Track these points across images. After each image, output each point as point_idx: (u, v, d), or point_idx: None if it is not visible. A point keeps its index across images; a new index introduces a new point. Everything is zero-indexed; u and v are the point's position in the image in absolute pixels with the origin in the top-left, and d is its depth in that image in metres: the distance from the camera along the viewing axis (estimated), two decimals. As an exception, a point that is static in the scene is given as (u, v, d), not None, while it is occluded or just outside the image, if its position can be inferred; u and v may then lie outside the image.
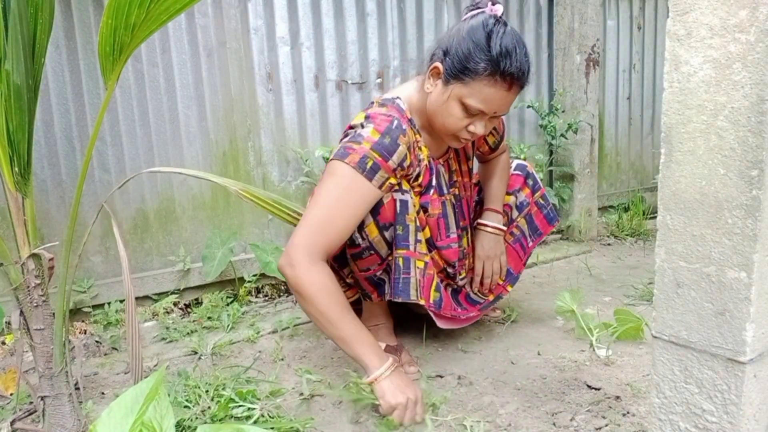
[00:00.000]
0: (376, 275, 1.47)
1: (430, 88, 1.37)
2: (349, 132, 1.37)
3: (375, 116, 1.34)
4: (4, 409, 1.36)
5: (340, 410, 1.35)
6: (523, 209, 1.74)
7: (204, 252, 1.99)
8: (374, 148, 1.28)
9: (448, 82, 1.32)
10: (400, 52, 2.37)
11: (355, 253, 1.43)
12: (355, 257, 1.44)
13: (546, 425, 1.25)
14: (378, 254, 1.42)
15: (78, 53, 1.80)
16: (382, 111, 1.36)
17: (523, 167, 1.77)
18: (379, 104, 1.41)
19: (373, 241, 1.40)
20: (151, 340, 1.78)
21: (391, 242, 1.40)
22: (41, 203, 1.79)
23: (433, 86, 1.37)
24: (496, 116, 1.37)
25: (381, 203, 1.35)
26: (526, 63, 1.33)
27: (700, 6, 0.75)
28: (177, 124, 1.98)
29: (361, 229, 1.38)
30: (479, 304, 1.68)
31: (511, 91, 1.32)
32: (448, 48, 1.32)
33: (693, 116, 0.77)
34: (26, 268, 1.18)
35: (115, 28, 1.09)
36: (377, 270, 1.46)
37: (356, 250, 1.43)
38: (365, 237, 1.39)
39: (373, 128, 1.31)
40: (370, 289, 1.52)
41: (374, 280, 1.49)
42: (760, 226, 0.73)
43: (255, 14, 2.06)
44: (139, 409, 0.89)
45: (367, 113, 1.37)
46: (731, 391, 0.79)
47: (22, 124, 1.14)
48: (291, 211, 1.42)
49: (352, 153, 1.28)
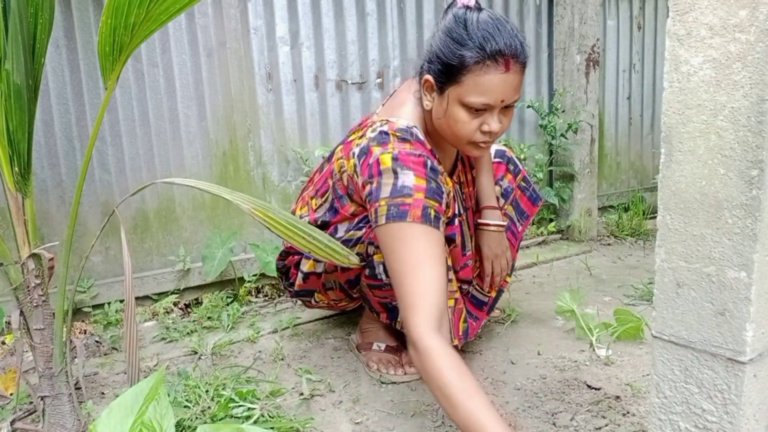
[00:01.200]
0: (392, 303, 1.44)
1: (429, 103, 1.29)
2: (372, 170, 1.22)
3: (406, 159, 1.21)
4: (4, 409, 1.36)
5: (340, 410, 1.35)
6: (508, 196, 1.68)
7: (204, 252, 1.99)
8: (429, 196, 1.18)
9: (442, 90, 1.23)
10: (400, 52, 2.37)
11: (375, 284, 1.41)
12: (373, 287, 1.43)
13: (546, 425, 1.26)
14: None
15: (78, 53, 1.80)
16: (408, 149, 1.23)
17: (503, 153, 1.68)
18: (399, 138, 1.26)
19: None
20: (151, 340, 1.78)
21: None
22: (41, 203, 1.79)
23: (431, 100, 1.28)
24: (508, 106, 1.23)
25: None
26: (516, 36, 1.18)
27: (700, 6, 0.75)
28: (177, 124, 1.98)
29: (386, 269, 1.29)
30: (485, 305, 1.65)
31: (510, 70, 1.18)
32: (431, 56, 1.24)
33: (693, 116, 0.77)
34: (26, 268, 1.18)
35: (114, 28, 1.09)
36: (393, 300, 1.41)
37: (376, 283, 1.41)
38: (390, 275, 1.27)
39: (415, 175, 1.20)
40: (380, 310, 1.50)
41: (388, 306, 1.47)
42: (760, 226, 0.73)
43: (255, 14, 2.06)
44: (139, 409, 0.89)
45: (394, 154, 1.22)
46: (731, 391, 0.79)
47: (22, 124, 1.14)
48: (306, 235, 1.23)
49: (410, 209, 1.16)
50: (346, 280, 1.48)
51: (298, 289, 1.57)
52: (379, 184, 1.20)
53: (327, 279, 1.51)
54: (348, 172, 1.32)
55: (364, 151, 1.27)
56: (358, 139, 1.33)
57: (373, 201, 1.21)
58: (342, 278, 1.48)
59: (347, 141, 1.38)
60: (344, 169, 1.34)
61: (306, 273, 1.51)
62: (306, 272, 1.51)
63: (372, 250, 1.37)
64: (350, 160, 1.31)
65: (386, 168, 1.21)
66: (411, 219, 1.16)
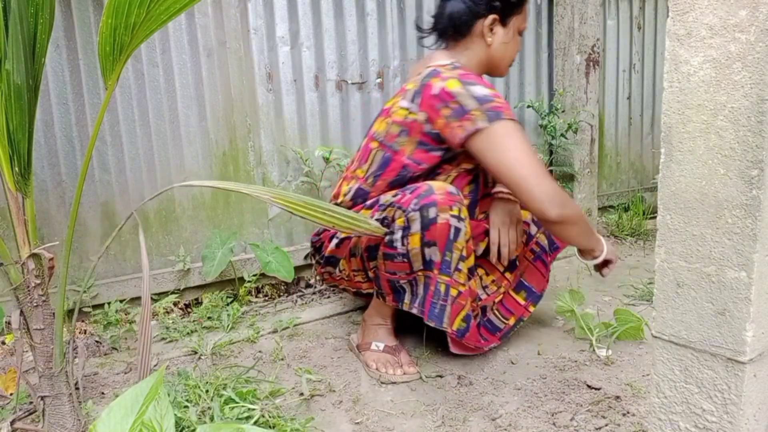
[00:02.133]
0: (399, 282, 1.46)
1: (490, 38, 1.54)
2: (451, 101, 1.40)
3: (469, 77, 1.43)
4: (4, 409, 1.36)
5: (340, 410, 1.35)
6: (541, 225, 1.69)
7: (204, 252, 1.99)
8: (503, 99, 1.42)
9: (506, 22, 1.54)
10: (400, 52, 2.37)
11: (389, 253, 1.42)
12: (386, 257, 1.43)
13: (546, 425, 1.26)
14: (410, 265, 1.40)
15: (78, 53, 1.80)
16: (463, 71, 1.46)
17: None
18: (450, 69, 1.46)
19: (411, 251, 1.38)
20: (151, 340, 1.78)
21: (428, 260, 1.38)
22: (41, 203, 1.79)
23: (493, 35, 1.54)
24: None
25: (435, 221, 1.35)
26: None
27: (700, 6, 0.75)
28: (177, 124, 1.98)
29: (405, 236, 1.38)
30: (500, 331, 1.63)
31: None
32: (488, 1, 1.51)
33: (693, 116, 0.78)
34: (26, 268, 1.18)
35: (115, 28, 1.09)
36: (402, 278, 1.45)
37: (390, 251, 1.42)
38: (405, 244, 1.38)
39: (484, 86, 1.41)
40: (388, 291, 1.51)
41: (395, 285, 1.48)
42: (759, 226, 0.73)
43: (255, 14, 2.06)
44: (139, 409, 0.89)
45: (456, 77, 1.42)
46: (731, 391, 0.79)
47: (23, 124, 1.14)
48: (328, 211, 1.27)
49: (502, 109, 1.38)
50: (366, 247, 1.51)
51: (329, 255, 1.61)
52: (458, 103, 1.38)
53: (355, 244, 1.54)
54: (398, 118, 1.49)
55: (418, 91, 1.45)
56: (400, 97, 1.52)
57: (460, 117, 1.38)
58: (363, 244, 1.52)
59: (385, 108, 1.59)
60: (393, 121, 1.51)
61: (341, 238, 1.56)
62: (342, 237, 1.56)
63: (398, 214, 1.40)
64: (399, 110, 1.50)
65: (456, 90, 1.39)
66: (507, 117, 1.37)
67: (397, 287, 1.49)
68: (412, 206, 1.37)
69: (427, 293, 1.41)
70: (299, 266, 2.20)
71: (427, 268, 1.40)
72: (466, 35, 1.54)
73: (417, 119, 1.45)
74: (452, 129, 1.40)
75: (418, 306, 1.44)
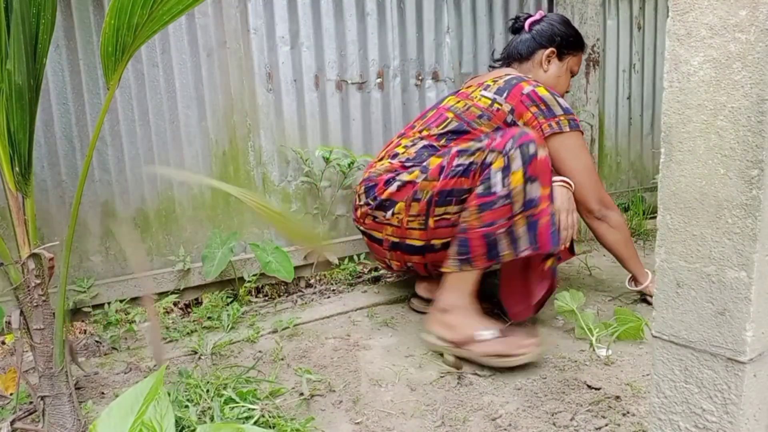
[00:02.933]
0: (495, 234, 1.47)
1: (546, 67, 1.87)
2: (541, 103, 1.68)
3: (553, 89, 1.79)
4: (4, 409, 1.36)
5: (340, 410, 1.35)
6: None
7: (204, 252, 1.99)
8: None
9: (562, 58, 1.88)
10: (400, 52, 2.37)
11: (487, 202, 1.45)
12: (483, 207, 1.46)
13: (546, 425, 1.26)
14: (511, 207, 1.45)
15: (78, 53, 1.80)
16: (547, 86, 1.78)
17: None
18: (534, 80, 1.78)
19: (513, 190, 1.44)
20: (151, 340, 1.78)
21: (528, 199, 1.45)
22: (41, 203, 1.79)
23: (549, 65, 1.87)
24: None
25: (536, 155, 1.46)
26: None
27: (700, 5, 0.75)
28: (177, 124, 1.98)
29: (505, 176, 1.44)
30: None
31: None
32: (552, 36, 1.86)
33: (693, 116, 0.78)
34: (26, 268, 1.18)
35: (117, 29, 1.09)
36: (501, 227, 1.46)
37: (489, 199, 1.46)
38: (506, 185, 1.45)
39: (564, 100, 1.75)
40: (480, 251, 1.49)
41: (489, 239, 1.47)
42: (759, 226, 0.73)
43: (255, 14, 2.06)
44: (139, 408, 0.89)
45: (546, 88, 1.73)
46: (731, 391, 0.79)
47: (23, 124, 1.14)
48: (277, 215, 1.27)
49: (579, 123, 1.72)
50: (439, 191, 1.55)
51: (385, 197, 1.66)
52: (548, 106, 1.68)
53: (422, 187, 1.59)
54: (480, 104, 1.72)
55: (505, 88, 1.71)
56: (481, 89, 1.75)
57: (548, 117, 1.68)
58: (437, 188, 1.56)
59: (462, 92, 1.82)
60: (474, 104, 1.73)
61: (404, 181, 1.63)
62: (405, 180, 1.63)
63: (492, 157, 1.48)
64: (483, 98, 1.72)
65: (546, 95, 1.69)
66: (581, 129, 1.73)
67: (490, 241, 1.48)
68: (509, 146, 1.47)
69: (537, 228, 1.48)
70: (299, 266, 2.20)
71: (526, 208, 1.46)
72: (527, 60, 1.88)
73: (502, 109, 1.69)
74: (540, 124, 1.68)
75: (530, 245, 1.49)
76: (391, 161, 1.75)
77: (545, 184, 1.47)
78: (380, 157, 1.83)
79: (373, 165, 1.82)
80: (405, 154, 1.73)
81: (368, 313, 1.95)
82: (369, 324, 1.86)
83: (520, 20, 1.93)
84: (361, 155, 2.25)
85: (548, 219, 1.48)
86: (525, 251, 1.49)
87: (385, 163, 1.77)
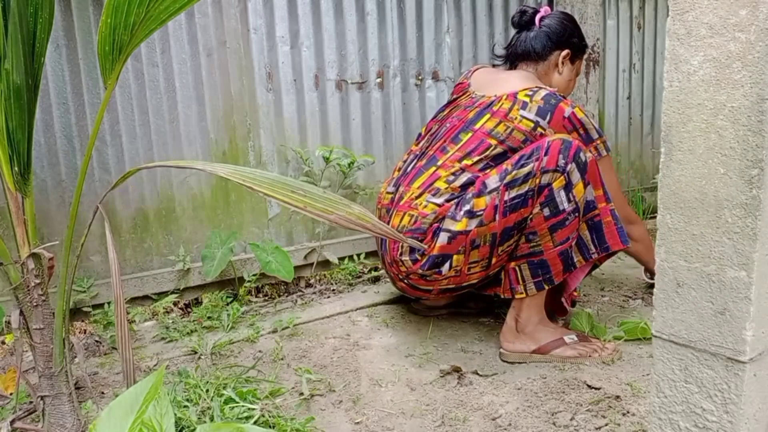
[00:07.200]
0: (570, 249, 1.52)
1: (561, 69, 1.79)
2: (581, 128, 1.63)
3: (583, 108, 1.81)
4: (4, 408, 1.36)
5: (340, 410, 1.35)
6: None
7: (204, 251, 1.99)
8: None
9: (574, 61, 1.81)
10: (400, 52, 2.37)
11: (558, 222, 1.48)
12: (554, 228, 1.49)
13: (546, 425, 1.26)
14: (579, 218, 1.50)
15: (78, 53, 1.80)
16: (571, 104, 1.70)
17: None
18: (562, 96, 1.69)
19: (579, 202, 1.49)
20: (150, 340, 1.78)
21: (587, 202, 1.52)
22: (41, 203, 1.79)
23: (563, 67, 1.79)
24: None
25: (586, 161, 1.50)
26: None
27: (700, 5, 0.75)
28: (177, 123, 1.98)
29: (569, 192, 1.48)
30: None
31: None
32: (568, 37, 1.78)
33: (693, 115, 0.77)
34: (26, 268, 1.18)
35: (114, 28, 1.09)
36: (572, 241, 1.51)
37: (559, 219, 1.48)
38: (572, 199, 1.48)
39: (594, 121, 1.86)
40: (558, 268, 1.53)
41: (566, 255, 1.52)
42: (759, 225, 0.73)
43: (255, 14, 2.06)
44: (139, 408, 0.89)
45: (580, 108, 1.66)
46: (731, 391, 0.79)
47: (22, 124, 1.14)
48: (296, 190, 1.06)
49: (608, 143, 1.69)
50: (503, 231, 1.50)
51: (437, 254, 1.52)
52: (586, 131, 1.64)
53: (479, 233, 1.50)
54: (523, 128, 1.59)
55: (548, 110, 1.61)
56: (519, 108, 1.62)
57: (588, 143, 1.62)
58: (499, 228, 1.49)
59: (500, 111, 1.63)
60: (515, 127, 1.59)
61: (454, 232, 1.50)
62: (455, 231, 1.50)
63: (548, 178, 1.48)
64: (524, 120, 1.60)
65: (584, 119, 1.63)
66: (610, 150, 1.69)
67: (567, 256, 1.53)
68: (562, 161, 1.48)
69: (602, 229, 1.54)
70: (299, 266, 2.20)
71: (585, 212, 1.52)
72: (544, 60, 1.78)
73: (545, 134, 1.59)
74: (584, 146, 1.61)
75: (600, 247, 1.55)
76: (435, 200, 1.56)
77: (597, 186, 1.53)
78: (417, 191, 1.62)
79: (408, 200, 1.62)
80: (448, 190, 1.57)
81: (368, 313, 1.95)
82: (369, 324, 1.86)
83: (527, 14, 1.80)
84: (361, 155, 2.24)
85: (611, 217, 1.55)
86: (594, 254, 1.56)
87: (428, 206, 1.56)
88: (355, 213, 1.07)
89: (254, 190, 1.04)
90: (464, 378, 1.48)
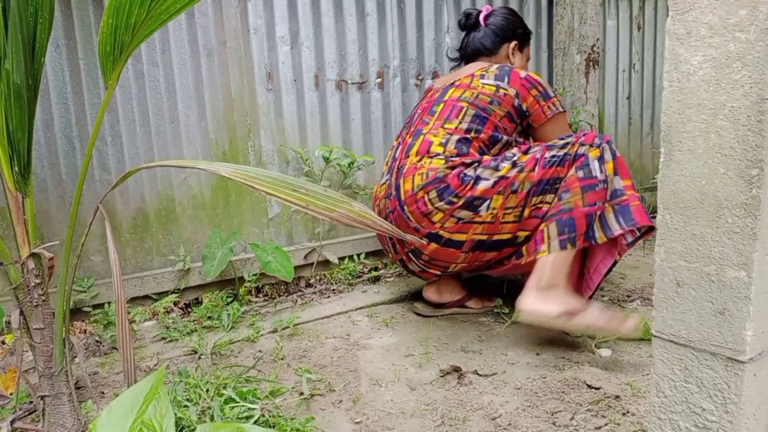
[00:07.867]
0: (595, 215, 1.58)
1: (512, 59, 1.95)
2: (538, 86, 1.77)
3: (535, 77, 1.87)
4: (4, 408, 1.36)
5: (340, 410, 1.35)
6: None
7: (204, 251, 1.99)
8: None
9: (522, 49, 1.97)
10: (400, 51, 2.37)
11: (589, 184, 1.59)
12: (586, 189, 1.58)
13: (546, 425, 1.26)
14: (606, 192, 1.59)
15: (78, 53, 1.80)
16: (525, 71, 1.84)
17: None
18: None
19: (608, 177, 1.60)
20: (151, 340, 1.78)
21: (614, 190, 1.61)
22: (41, 203, 1.79)
23: (514, 57, 1.95)
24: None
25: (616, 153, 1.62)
26: None
27: (700, 5, 0.75)
28: (177, 123, 1.98)
29: (602, 164, 1.59)
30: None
31: None
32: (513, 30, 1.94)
33: (693, 115, 0.78)
34: (26, 268, 1.18)
35: (115, 28, 1.09)
36: (598, 209, 1.58)
37: (590, 182, 1.59)
38: (603, 171, 1.60)
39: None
40: (584, 229, 1.58)
41: (591, 219, 1.59)
42: (759, 225, 0.73)
43: (255, 14, 2.06)
44: (139, 408, 0.89)
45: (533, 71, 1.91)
46: (731, 390, 0.79)
47: (22, 124, 1.14)
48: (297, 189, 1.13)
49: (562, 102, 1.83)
50: (539, 181, 1.61)
51: (478, 195, 1.60)
52: (543, 88, 1.78)
53: (519, 178, 1.61)
54: (487, 91, 1.75)
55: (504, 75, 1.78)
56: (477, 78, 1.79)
57: (546, 99, 1.78)
58: (537, 177, 1.61)
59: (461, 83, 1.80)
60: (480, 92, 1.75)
61: (499, 176, 1.61)
62: (499, 176, 1.61)
63: (584, 149, 1.61)
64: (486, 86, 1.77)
65: (539, 78, 1.79)
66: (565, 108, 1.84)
67: (591, 221, 1.59)
68: (597, 140, 1.63)
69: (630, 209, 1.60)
70: (299, 266, 2.20)
71: (612, 198, 1.61)
72: (493, 55, 1.93)
73: (508, 93, 1.75)
74: (541, 107, 1.78)
75: (626, 223, 1.58)
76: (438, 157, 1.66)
77: (625, 177, 1.62)
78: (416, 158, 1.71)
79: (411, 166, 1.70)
80: (446, 152, 1.67)
81: (368, 312, 1.95)
82: (369, 324, 1.86)
83: (473, 16, 1.96)
84: (361, 155, 2.25)
85: (638, 202, 1.62)
86: (617, 232, 1.60)
87: (432, 162, 1.66)
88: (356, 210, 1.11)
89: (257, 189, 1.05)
90: (464, 378, 1.48)
